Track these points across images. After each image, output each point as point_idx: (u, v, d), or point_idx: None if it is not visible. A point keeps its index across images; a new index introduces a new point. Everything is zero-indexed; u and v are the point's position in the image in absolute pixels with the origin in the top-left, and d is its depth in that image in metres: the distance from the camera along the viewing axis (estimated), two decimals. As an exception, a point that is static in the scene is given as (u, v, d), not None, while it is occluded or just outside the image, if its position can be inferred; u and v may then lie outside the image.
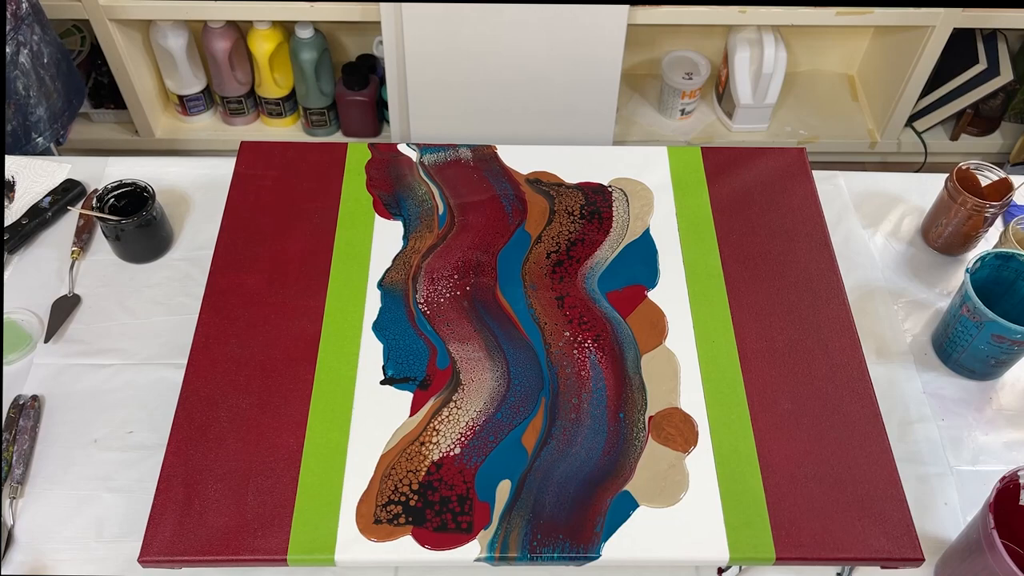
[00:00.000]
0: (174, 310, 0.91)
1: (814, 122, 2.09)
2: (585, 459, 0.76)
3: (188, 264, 0.95)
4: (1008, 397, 0.89)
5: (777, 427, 0.79)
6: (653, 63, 2.13)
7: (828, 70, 2.20)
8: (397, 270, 0.89)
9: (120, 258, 0.95)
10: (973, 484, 0.82)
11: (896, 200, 1.05)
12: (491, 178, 0.97)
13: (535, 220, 0.93)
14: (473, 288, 0.87)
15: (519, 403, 0.79)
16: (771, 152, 1.01)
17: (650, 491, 0.75)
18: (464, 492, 0.74)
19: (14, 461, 0.80)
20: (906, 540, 0.73)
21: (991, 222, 0.96)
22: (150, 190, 0.93)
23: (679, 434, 0.78)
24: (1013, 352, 0.85)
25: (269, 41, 1.80)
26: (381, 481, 0.75)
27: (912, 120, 2.10)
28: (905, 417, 0.87)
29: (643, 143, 2.02)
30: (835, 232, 0.98)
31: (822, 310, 0.87)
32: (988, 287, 0.89)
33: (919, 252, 1.00)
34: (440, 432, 0.77)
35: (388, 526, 0.72)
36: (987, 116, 2.08)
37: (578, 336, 0.84)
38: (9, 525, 0.77)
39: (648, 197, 0.96)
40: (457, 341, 0.83)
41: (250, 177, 0.96)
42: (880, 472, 0.76)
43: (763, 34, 1.91)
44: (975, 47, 1.99)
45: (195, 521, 0.72)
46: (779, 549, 0.72)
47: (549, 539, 0.72)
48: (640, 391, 0.81)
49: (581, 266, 0.90)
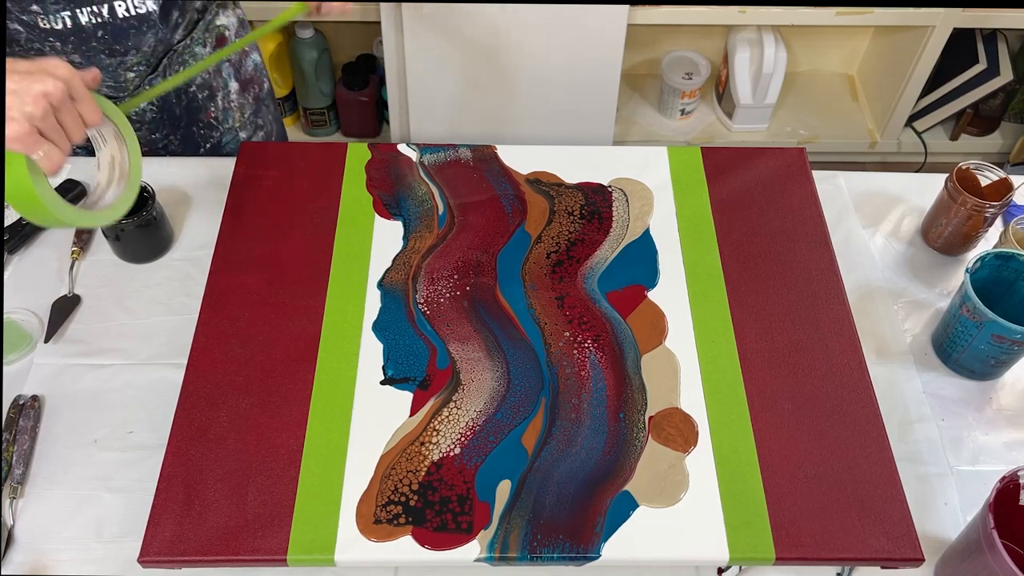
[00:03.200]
0: (174, 310, 0.91)
1: (814, 122, 2.09)
2: (585, 459, 0.76)
3: (188, 264, 0.95)
4: (1008, 397, 0.89)
5: (777, 427, 0.79)
6: (653, 63, 2.13)
7: (828, 70, 2.20)
8: (397, 270, 0.89)
9: (120, 258, 0.95)
10: (973, 484, 0.82)
11: (896, 200, 1.05)
12: (491, 178, 0.97)
13: (535, 220, 0.93)
14: (473, 288, 0.87)
15: (519, 403, 0.80)
16: (771, 152, 1.01)
17: (650, 491, 0.75)
18: (464, 492, 0.74)
19: (14, 461, 0.80)
20: (906, 540, 0.73)
21: (991, 222, 0.96)
22: (150, 190, 0.93)
23: (679, 434, 0.78)
24: (1013, 352, 0.85)
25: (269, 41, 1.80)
26: (381, 481, 0.75)
27: (912, 120, 2.10)
28: (905, 417, 0.87)
29: (643, 143, 2.02)
30: (835, 232, 0.98)
31: (822, 310, 0.87)
32: (988, 287, 0.89)
33: (919, 252, 1.00)
34: (440, 432, 0.77)
35: (388, 526, 0.72)
36: (987, 116, 2.08)
37: (578, 336, 0.84)
38: (9, 525, 0.77)
39: (648, 197, 0.96)
40: (457, 341, 0.83)
41: (250, 177, 0.96)
42: (880, 472, 0.76)
43: (763, 34, 1.91)
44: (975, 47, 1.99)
45: (195, 521, 0.72)
46: (779, 549, 0.72)
47: (549, 539, 0.72)
48: (640, 391, 0.81)
49: (581, 266, 0.90)
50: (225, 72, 1.13)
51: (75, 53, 0.97)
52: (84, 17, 0.94)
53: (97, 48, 0.98)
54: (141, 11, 0.98)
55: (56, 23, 0.94)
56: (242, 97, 1.16)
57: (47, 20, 0.93)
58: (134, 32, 0.97)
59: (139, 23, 0.96)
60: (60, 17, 0.93)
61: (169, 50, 1.03)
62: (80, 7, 0.94)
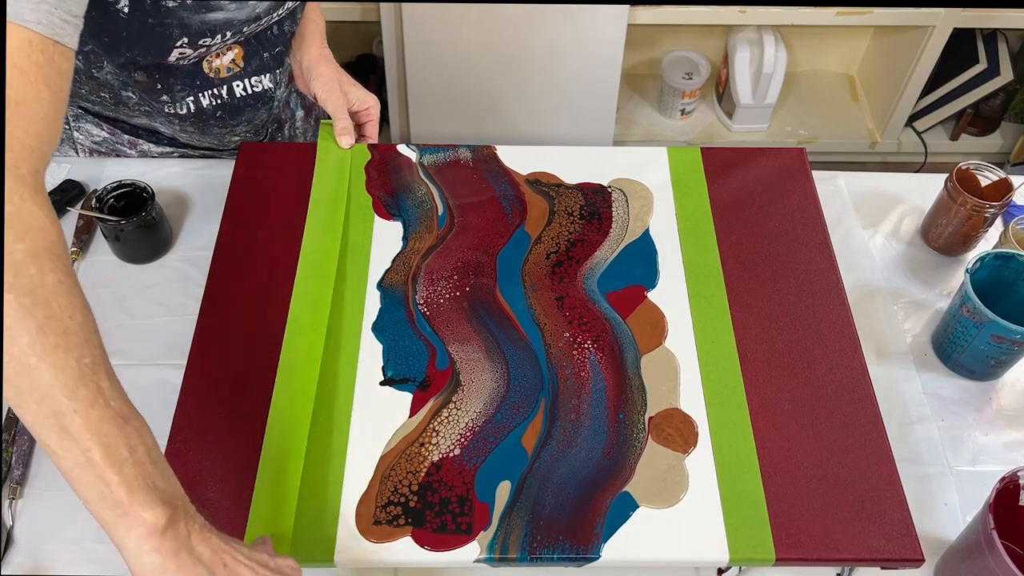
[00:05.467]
0: (174, 310, 0.91)
1: (814, 122, 2.09)
2: (585, 460, 0.76)
3: (188, 264, 0.95)
4: (1008, 397, 0.89)
5: (777, 428, 0.79)
6: (653, 63, 2.13)
7: (828, 70, 2.20)
8: (397, 271, 0.89)
9: (120, 258, 0.95)
10: (973, 484, 0.82)
11: (896, 200, 1.05)
12: (491, 178, 0.97)
13: (535, 220, 0.93)
14: (473, 289, 0.87)
15: (519, 404, 0.79)
16: (771, 152, 1.01)
17: (650, 492, 0.75)
18: (464, 493, 0.74)
19: (14, 461, 0.80)
20: (906, 540, 0.73)
21: (991, 222, 0.96)
22: (150, 190, 0.93)
23: (679, 435, 0.78)
24: (1013, 352, 0.85)
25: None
26: (381, 482, 0.74)
27: (912, 120, 2.10)
28: (905, 417, 0.87)
29: (643, 143, 2.02)
30: (835, 232, 0.98)
31: (822, 310, 0.87)
32: (988, 287, 0.89)
33: (919, 252, 1.00)
34: (440, 433, 0.77)
35: (387, 527, 0.72)
36: (987, 116, 2.08)
37: (578, 337, 0.84)
38: (9, 525, 0.77)
39: (648, 197, 0.96)
40: (457, 342, 0.83)
41: (250, 178, 0.96)
42: (880, 472, 0.76)
43: (763, 34, 1.91)
44: (975, 47, 1.99)
45: (195, 522, 0.72)
46: (779, 550, 0.72)
47: (549, 540, 0.72)
48: (640, 392, 0.81)
49: (581, 267, 0.90)
50: (293, 103, 1.15)
51: (191, 127, 0.99)
52: (205, 100, 0.96)
53: (212, 124, 0.99)
54: (257, 89, 0.99)
55: (180, 109, 0.95)
56: (306, 123, 1.17)
57: (172, 107, 0.95)
58: (249, 109, 0.98)
59: (255, 101, 0.97)
60: (185, 103, 0.95)
61: (276, 120, 1.08)
62: (203, 91, 0.95)
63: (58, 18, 0.61)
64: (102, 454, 0.55)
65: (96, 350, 0.57)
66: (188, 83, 0.94)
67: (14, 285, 0.54)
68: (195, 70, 0.94)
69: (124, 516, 0.55)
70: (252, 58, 0.97)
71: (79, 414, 0.54)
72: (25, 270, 0.55)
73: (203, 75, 0.95)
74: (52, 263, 0.56)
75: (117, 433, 0.56)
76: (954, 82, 2.01)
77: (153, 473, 0.57)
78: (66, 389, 0.54)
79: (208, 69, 0.94)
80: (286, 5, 0.95)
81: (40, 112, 0.60)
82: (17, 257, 0.55)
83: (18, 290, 0.54)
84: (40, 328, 0.54)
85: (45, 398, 0.54)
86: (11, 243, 0.55)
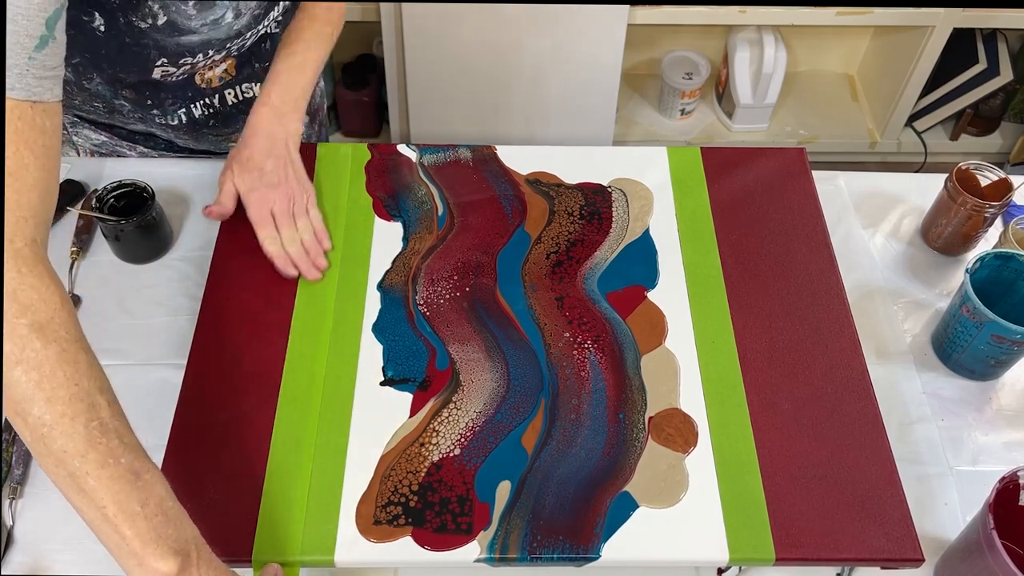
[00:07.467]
0: (174, 311, 0.91)
1: (814, 122, 2.09)
2: (585, 460, 0.76)
3: (188, 265, 0.95)
4: (1008, 397, 0.89)
5: (777, 427, 0.79)
6: (653, 63, 2.13)
7: (828, 70, 2.20)
8: (397, 271, 0.89)
9: (120, 258, 0.95)
10: (973, 484, 0.82)
11: (896, 200, 1.05)
12: (491, 178, 0.97)
13: (535, 220, 0.93)
14: (473, 289, 0.87)
15: (519, 404, 0.79)
16: (771, 152, 1.01)
17: (650, 492, 0.75)
18: (464, 493, 0.74)
19: (14, 461, 0.80)
20: (906, 540, 0.73)
21: (991, 222, 0.96)
22: (150, 190, 0.93)
23: (679, 435, 0.78)
24: (1013, 352, 0.85)
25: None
26: (381, 482, 0.74)
27: (912, 120, 2.10)
28: (905, 417, 0.87)
29: (643, 143, 2.02)
30: (835, 232, 0.98)
31: (822, 310, 0.87)
32: (988, 287, 0.89)
33: (919, 252, 1.00)
34: (440, 433, 0.77)
35: (388, 527, 0.72)
36: (987, 116, 2.08)
37: (578, 337, 0.84)
38: (9, 525, 0.77)
39: (648, 197, 0.96)
40: (457, 342, 0.83)
41: (250, 177, 0.96)
42: (880, 472, 0.76)
43: (763, 34, 1.91)
44: (975, 47, 1.99)
45: (194, 521, 0.72)
46: (779, 549, 0.72)
47: (549, 540, 0.72)
48: (640, 392, 0.81)
49: (581, 267, 0.90)
50: None
51: (185, 135, 0.99)
52: (197, 111, 0.96)
53: (206, 132, 0.99)
54: (248, 95, 0.98)
55: (172, 120, 0.95)
56: (309, 128, 1.17)
57: (164, 119, 0.94)
58: (243, 116, 0.98)
59: (247, 108, 0.97)
60: (176, 115, 0.94)
61: None
62: (194, 102, 0.94)
63: (32, 77, 0.61)
64: (115, 510, 0.59)
65: (104, 411, 0.60)
66: (179, 96, 0.94)
67: (22, 360, 0.58)
68: (186, 83, 0.93)
69: (140, 566, 0.60)
70: (243, 67, 0.97)
71: (91, 475, 0.58)
72: (30, 344, 0.58)
73: (195, 86, 0.94)
74: (54, 333, 0.60)
75: (129, 489, 0.59)
76: (954, 82, 2.01)
77: (164, 524, 0.61)
78: (77, 453, 0.58)
79: (200, 81, 0.94)
80: (266, 21, 0.94)
81: (28, 180, 0.61)
82: (22, 332, 0.58)
83: (26, 364, 0.58)
84: (48, 400, 0.58)
85: (60, 462, 0.59)
86: (13, 319, 0.59)
